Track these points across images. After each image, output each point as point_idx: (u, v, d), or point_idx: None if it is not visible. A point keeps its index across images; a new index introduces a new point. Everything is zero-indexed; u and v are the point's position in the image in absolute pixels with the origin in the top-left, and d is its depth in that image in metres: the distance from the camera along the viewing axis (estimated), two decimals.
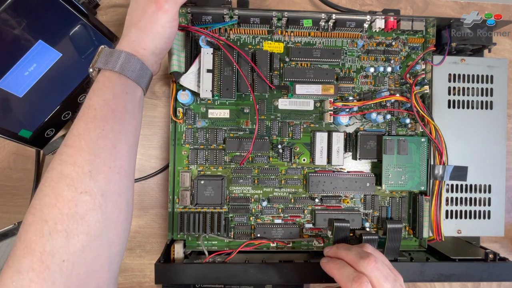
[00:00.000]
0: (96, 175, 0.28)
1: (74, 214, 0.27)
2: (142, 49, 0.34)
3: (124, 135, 0.32)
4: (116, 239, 0.30)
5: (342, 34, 0.46)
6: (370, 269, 0.34)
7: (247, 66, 0.44)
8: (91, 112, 0.30)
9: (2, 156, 0.51)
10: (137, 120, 0.34)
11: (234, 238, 0.45)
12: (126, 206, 0.31)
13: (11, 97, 0.38)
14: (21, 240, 0.26)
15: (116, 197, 0.30)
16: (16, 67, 0.36)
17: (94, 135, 0.29)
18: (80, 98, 0.44)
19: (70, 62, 0.40)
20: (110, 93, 0.31)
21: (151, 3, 0.34)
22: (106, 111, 0.31)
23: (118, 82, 0.32)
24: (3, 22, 0.34)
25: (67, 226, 0.26)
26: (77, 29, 0.39)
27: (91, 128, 0.30)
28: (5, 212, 0.51)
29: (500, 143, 0.46)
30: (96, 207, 0.28)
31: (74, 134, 0.30)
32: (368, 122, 0.47)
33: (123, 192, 0.31)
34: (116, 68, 0.32)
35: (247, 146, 0.44)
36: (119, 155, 0.31)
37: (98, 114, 0.30)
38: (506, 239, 0.55)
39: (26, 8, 0.34)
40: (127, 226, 0.32)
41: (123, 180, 0.31)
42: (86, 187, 0.28)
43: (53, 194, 0.27)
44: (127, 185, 0.31)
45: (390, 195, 0.47)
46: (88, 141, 0.29)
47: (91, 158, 0.29)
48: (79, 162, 0.28)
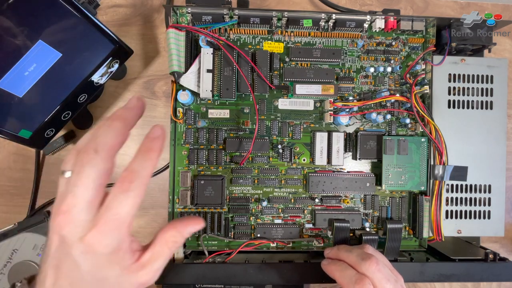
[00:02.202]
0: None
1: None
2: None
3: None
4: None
5: (342, 34, 0.46)
6: (371, 271, 0.34)
7: (247, 66, 0.44)
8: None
9: (2, 156, 0.51)
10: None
11: (234, 238, 0.45)
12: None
13: (11, 97, 0.38)
14: None
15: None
16: (16, 67, 0.36)
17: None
18: (80, 98, 0.44)
19: (70, 62, 0.40)
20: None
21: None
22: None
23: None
24: (3, 22, 0.34)
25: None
26: (77, 29, 0.39)
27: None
28: (5, 212, 0.51)
29: (500, 143, 0.46)
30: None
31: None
32: (368, 122, 0.47)
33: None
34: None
35: (247, 146, 0.44)
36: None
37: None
38: (506, 239, 0.55)
39: (26, 8, 0.34)
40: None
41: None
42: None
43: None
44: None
45: (390, 195, 0.47)
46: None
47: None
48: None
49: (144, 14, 0.52)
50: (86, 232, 0.23)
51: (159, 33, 0.52)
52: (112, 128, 0.24)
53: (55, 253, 0.24)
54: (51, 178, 0.51)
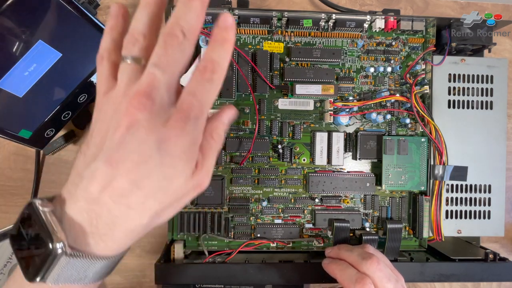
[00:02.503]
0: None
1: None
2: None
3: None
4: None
5: (342, 34, 0.46)
6: (372, 270, 0.34)
7: (247, 66, 0.44)
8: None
9: (2, 156, 0.51)
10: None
11: (234, 238, 0.45)
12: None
13: (11, 97, 0.38)
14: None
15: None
16: (16, 67, 0.36)
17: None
18: (80, 98, 0.44)
19: (70, 62, 0.40)
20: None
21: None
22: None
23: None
24: (3, 22, 0.34)
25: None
26: (77, 29, 0.39)
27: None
28: (5, 212, 0.51)
29: (500, 143, 0.46)
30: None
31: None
32: (368, 122, 0.47)
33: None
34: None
35: (247, 146, 0.44)
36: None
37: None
38: (506, 239, 0.55)
39: (26, 8, 0.34)
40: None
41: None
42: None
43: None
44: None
45: (390, 195, 0.47)
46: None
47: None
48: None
49: None
50: (167, 118, 0.22)
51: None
52: (193, 9, 0.22)
53: (115, 143, 0.22)
54: (51, 178, 0.51)
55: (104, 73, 0.24)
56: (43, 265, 0.21)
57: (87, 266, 0.23)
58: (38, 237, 0.22)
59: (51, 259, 0.21)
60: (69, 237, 0.22)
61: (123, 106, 0.22)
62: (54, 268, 0.22)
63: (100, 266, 0.24)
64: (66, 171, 0.51)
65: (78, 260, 0.22)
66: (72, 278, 0.23)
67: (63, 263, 0.22)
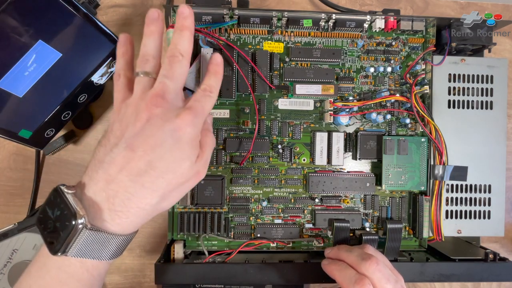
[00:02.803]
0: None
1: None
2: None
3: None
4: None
5: (342, 34, 0.46)
6: (371, 271, 0.34)
7: (247, 66, 0.44)
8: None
9: (2, 156, 0.51)
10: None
11: (234, 238, 0.45)
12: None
13: (11, 97, 0.38)
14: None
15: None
16: (16, 67, 0.36)
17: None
18: (80, 98, 0.44)
19: (70, 62, 0.40)
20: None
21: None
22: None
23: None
24: (3, 22, 0.34)
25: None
26: (77, 29, 0.39)
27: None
28: (5, 212, 0.51)
29: (500, 143, 0.46)
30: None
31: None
32: (368, 122, 0.47)
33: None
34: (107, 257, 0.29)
35: (247, 146, 0.44)
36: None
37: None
38: (506, 239, 0.55)
39: (26, 8, 0.34)
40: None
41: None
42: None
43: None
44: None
45: (390, 195, 0.47)
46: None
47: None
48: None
49: (144, 14, 0.51)
50: (178, 114, 0.29)
51: None
52: (184, 36, 0.32)
53: (135, 131, 0.28)
54: (51, 178, 0.51)
55: (121, 86, 0.32)
56: (67, 238, 0.26)
57: (103, 242, 0.28)
58: (63, 215, 0.27)
59: (74, 232, 0.26)
60: (89, 215, 0.27)
61: (142, 105, 0.29)
62: (76, 241, 0.26)
63: (114, 242, 0.28)
64: (66, 171, 0.51)
65: (97, 234, 0.27)
66: (90, 252, 0.27)
67: (84, 237, 0.26)
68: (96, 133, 0.52)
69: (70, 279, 0.28)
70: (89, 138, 0.52)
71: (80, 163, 0.51)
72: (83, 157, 0.51)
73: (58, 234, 0.26)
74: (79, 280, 0.28)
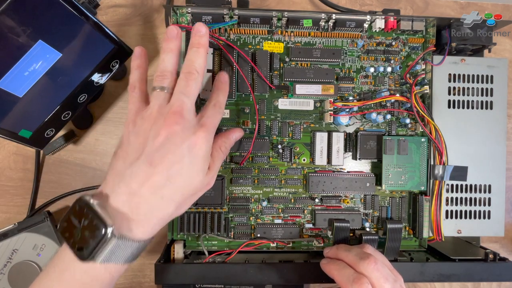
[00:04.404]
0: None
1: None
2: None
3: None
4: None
5: (342, 34, 0.46)
6: (370, 270, 0.34)
7: (247, 66, 0.44)
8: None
9: (2, 156, 0.51)
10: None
11: (234, 238, 0.45)
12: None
13: (11, 97, 0.38)
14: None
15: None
16: (16, 67, 0.36)
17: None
18: (80, 98, 0.44)
19: (70, 62, 0.40)
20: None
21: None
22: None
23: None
24: (3, 22, 0.34)
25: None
26: (77, 29, 0.39)
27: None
28: (5, 212, 0.51)
29: (500, 143, 0.46)
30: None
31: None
32: (368, 122, 0.47)
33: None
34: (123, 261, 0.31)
35: (247, 146, 0.44)
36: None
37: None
38: (506, 239, 0.55)
39: (26, 8, 0.34)
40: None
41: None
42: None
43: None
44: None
45: (390, 195, 0.47)
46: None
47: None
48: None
49: (144, 14, 0.52)
50: (195, 131, 0.32)
51: (159, 33, 0.52)
52: (201, 54, 0.34)
53: (155, 148, 0.30)
54: (51, 178, 0.51)
55: (136, 97, 0.35)
56: (96, 246, 0.28)
57: (128, 248, 0.30)
58: (92, 225, 0.28)
59: (104, 241, 0.28)
60: (115, 225, 0.28)
61: (160, 121, 0.31)
62: (106, 249, 0.28)
63: (136, 247, 0.30)
64: (66, 171, 0.51)
65: (123, 242, 0.29)
66: (115, 258, 0.29)
67: (112, 244, 0.28)
68: (96, 133, 0.52)
69: (93, 282, 0.30)
70: (89, 138, 0.52)
71: (80, 163, 0.51)
72: (83, 157, 0.51)
73: (87, 242, 0.28)
74: (101, 282, 0.30)
